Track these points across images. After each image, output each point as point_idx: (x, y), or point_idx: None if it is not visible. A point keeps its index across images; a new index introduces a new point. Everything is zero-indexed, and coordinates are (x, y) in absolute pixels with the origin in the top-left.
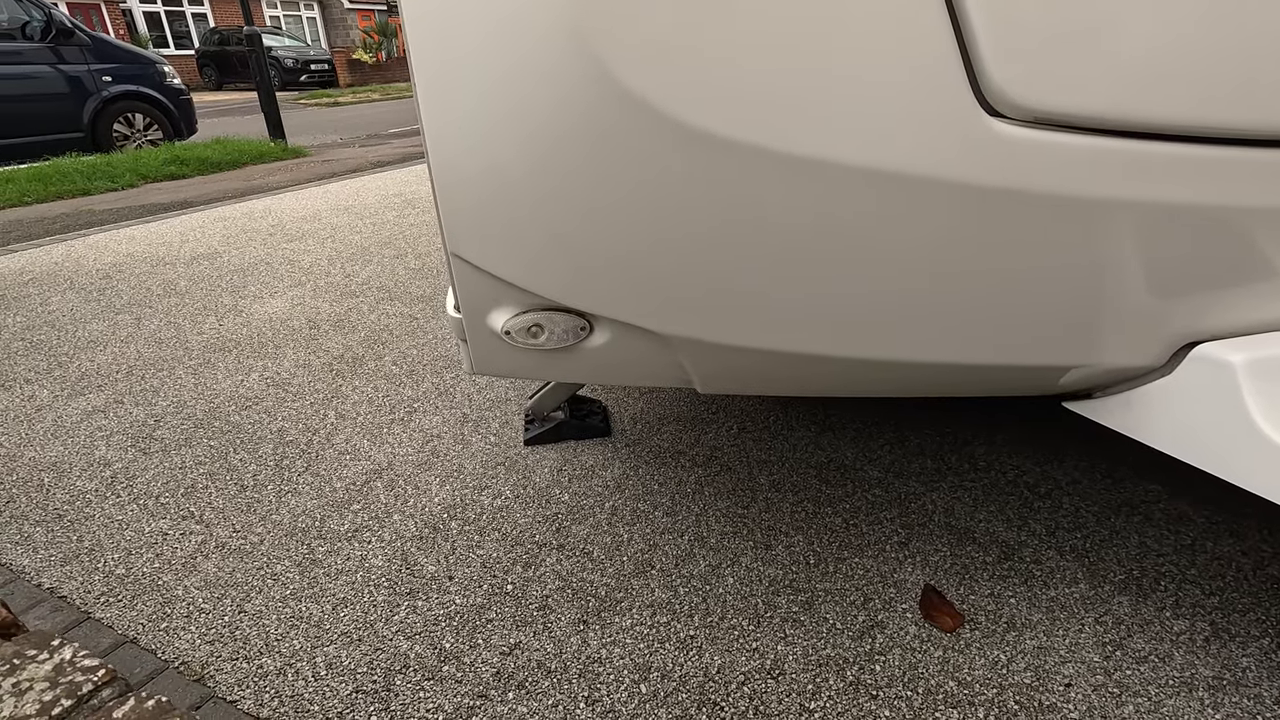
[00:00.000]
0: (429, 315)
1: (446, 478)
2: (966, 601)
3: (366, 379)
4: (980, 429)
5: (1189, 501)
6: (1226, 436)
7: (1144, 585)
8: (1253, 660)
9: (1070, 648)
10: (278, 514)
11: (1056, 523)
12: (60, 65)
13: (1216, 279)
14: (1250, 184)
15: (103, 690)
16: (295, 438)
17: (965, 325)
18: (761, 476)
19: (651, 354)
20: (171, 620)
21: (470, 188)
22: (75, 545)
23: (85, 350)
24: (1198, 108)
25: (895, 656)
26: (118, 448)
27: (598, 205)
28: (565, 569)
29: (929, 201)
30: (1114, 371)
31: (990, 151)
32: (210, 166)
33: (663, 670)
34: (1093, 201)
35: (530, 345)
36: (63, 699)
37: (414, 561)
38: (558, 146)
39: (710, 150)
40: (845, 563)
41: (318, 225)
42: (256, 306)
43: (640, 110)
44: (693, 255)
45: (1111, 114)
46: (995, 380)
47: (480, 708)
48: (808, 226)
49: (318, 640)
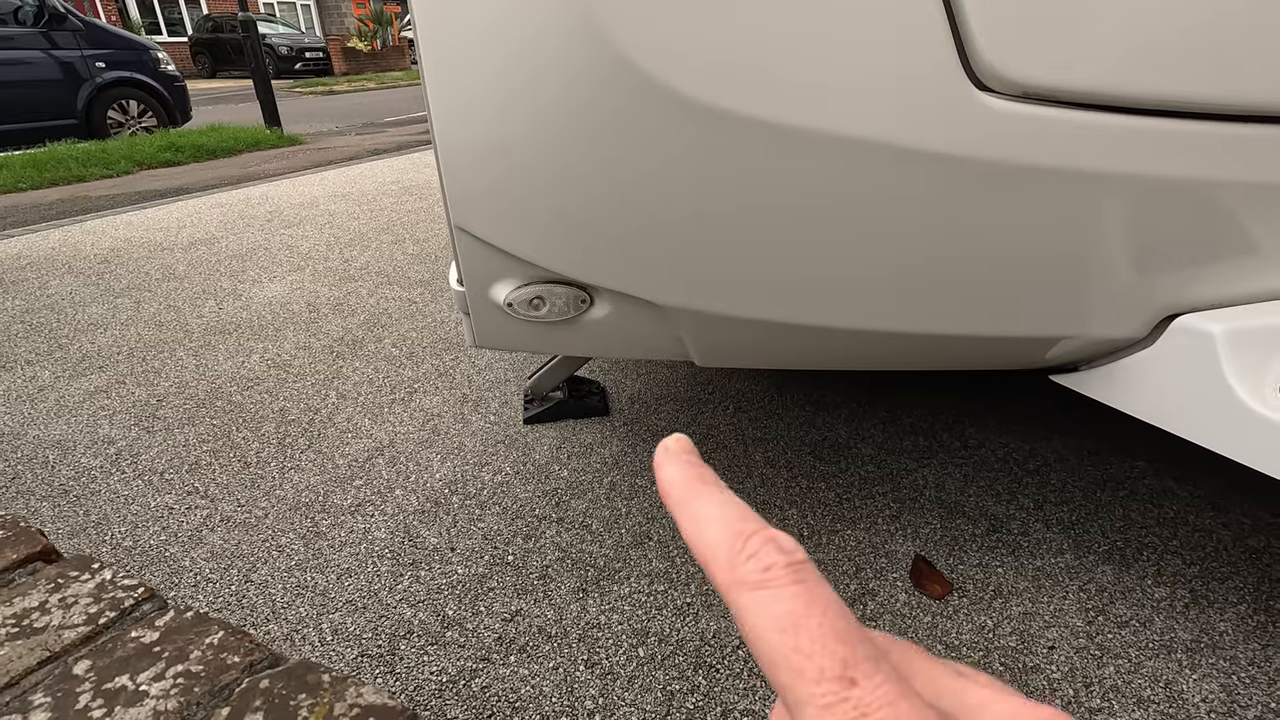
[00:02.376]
0: (428, 299)
1: (447, 455)
2: (955, 571)
3: (366, 360)
4: (971, 408)
5: (1172, 477)
6: (1206, 405)
7: (1127, 555)
8: (1230, 625)
9: (1054, 613)
10: (281, 489)
11: (1044, 497)
12: (53, 51)
13: (1198, 252)
14: (1233, 158)
15: (143, 604)
16: (297, 417)
17: (957, 296)
18: (757, 454)
19: (650, 326)
20: (179, 589)
21: (475, 161)
22: (82, 519)
23: (85, 332)
24: (1182, 83)
25: (886, 622)
26: (121, 426)
27: (600, 178)
28: (565, 541)
29: (919, 174)
30: (1099, 343)
31: (979, 125)
32: (206, 153)
33: (660, 635)
34: (1080, 174)
35: (532, 318)
36: (107, 610)
37: (416, 534)
38: (562, 120)
39: (709, 122)
40: (838, 535)
41: (315, 211)
42: (256, 290)
43: (643, 84)
44: (692, 227)
45: (1099, 88)
46: (986, 352)
47: (482, 670)
48: (801, 198)
49: (323, 608)
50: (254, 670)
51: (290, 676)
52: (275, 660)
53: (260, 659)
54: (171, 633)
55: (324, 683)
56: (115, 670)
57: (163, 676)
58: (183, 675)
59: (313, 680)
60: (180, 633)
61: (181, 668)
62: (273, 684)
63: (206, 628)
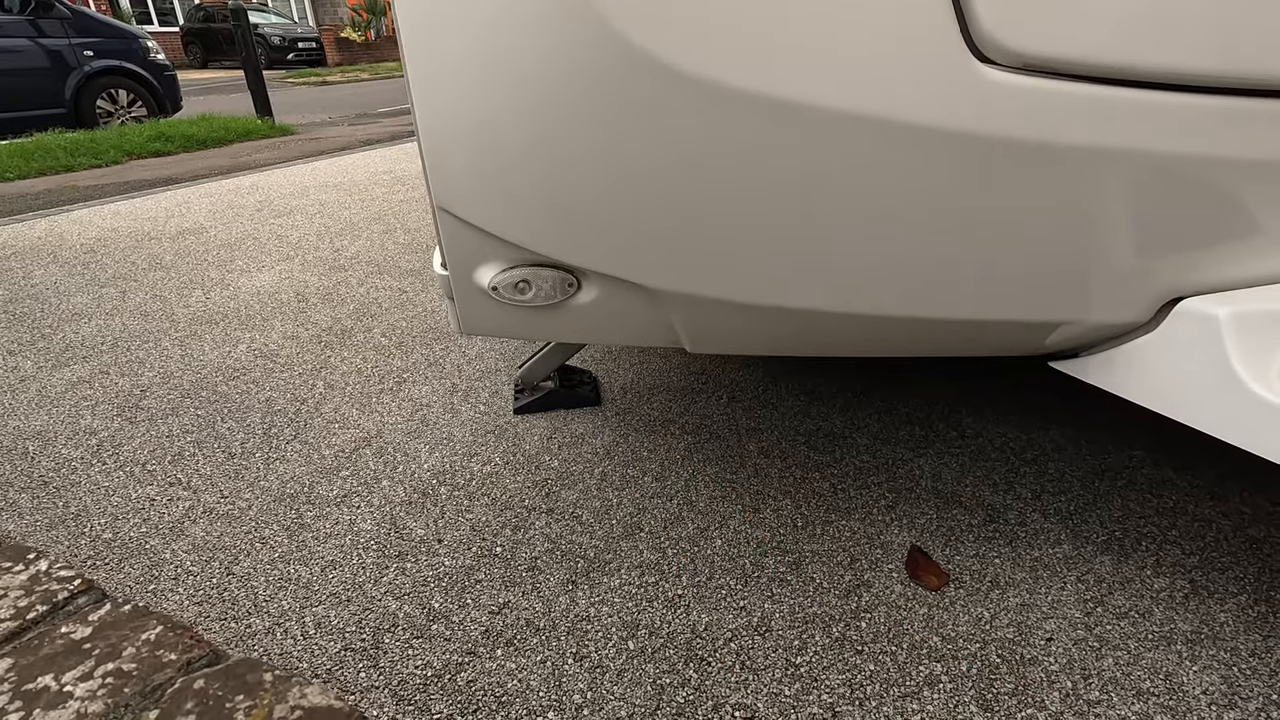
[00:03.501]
0: (418, 289)
1: (436, 445)
2: (952, 562)
3: (355, 350)
4: (968, 398)
5: (1171, 466)
6: (1210, 391)
7: (1125, 546)
8: (1230, 615)
9: (1052, 604)
10: (266, 480)
11: (1041, 487)
12: (40, 39)
13: (1203, 233)
14: (1240, 135)
15: (78, 598)
16: (283, 407)
17: (955, 279)
18: (750, 444)
19: (640, 311)
20: (159, 582)
21: (457, 139)
22: (61, 510)
23: (69, 322)
24: (1186, 56)
25: (881, 614)
26: (103, 417)
27: (586, 155)
28: (554, 532)
29: (917, 150)
30: (1100, 328)
31: (980, 98)
32: (196, 143)
33: (651, 627)
34: (1082, 150)
35: (518, 302)
36: (38, 604)
37: (403, 525)
38: (548, 95)
39: (697, 95)
40: (832, 525)
41: (306, 201)
42: (244, 280)
43: (632, 56)
44: (682, 207)
45: (1101, 60)
46: (985, 337)
47: (469, 664)
48: (797, 175)
49: (306, 601)
50: (190, 669)
51: (229, 675)
52: (216, 658)
53: (199, 656)
54: (105, 628)
55: (265, 682)
56: (39, 669)
57: (90, 676)
58: (112, 675)
59: (253, 680)
60: (115, 628)
61: (112, 666)
62: (208, 684)
63: (144, 623)
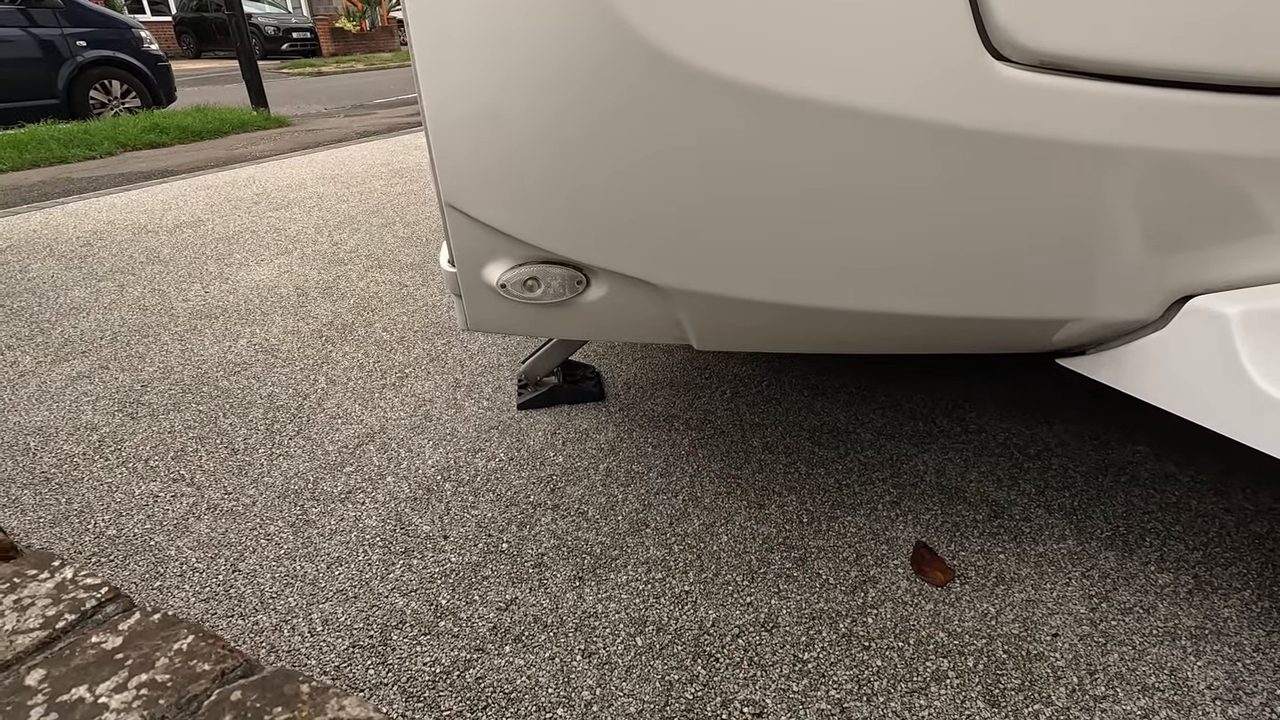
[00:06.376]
0: (419, 283)
1: (440, 441)
2: (957, 557)
3: (357, 345)
4: (971, 393)
5: (1175, 462)
6: (1220, 389)
7: (1130, 541)
8: (1234, 611)
9: (1058, 600)
10: (269, 476)
11: (1046, 482)
12: (32, 29)
13: (1216, 231)
14: (1257, 133)
15: (106, 606)
16: (286, 402)
17: (964, 277)
18: (755, 439)
19: (649, 308)
20: (165, 579)
21: (466, 135)
22: (64, 507)
23: (68, 317)
24: (1202, 53)
25: (887, 610)
26: (105, 412)
27: (598, 152)
28: (560, 528)
29: (930, 148)
30: (1109, 326)
31: (994, 95)
32: (191, 135)
33: (658, 624)
34: (1096, 147)
35: (526, 299)
36: (66, 613)
37: (408, 522)
38: (560, 92)
39: (709, 90)
40: (838, 521)
41: (304, 194)
42: (243, 274)
43: (645, 51)
44: (692, 204)
45: (1116, 58)
46: (993, 335)
47: (477, 660)
48: (809, 172)
49: (313, 597)
50: (225, 680)
51: (265, 687)
52: (250, 668)
53: (233, 667)
54: (136, 637)
55: (302, 694)
56: (72, 680)
57: (125, 687)
58: (147, 686)
59: (290, 691)
60: (146, 637)
61: (146, 677)
62: (245, 695)
63: (175, 632)
